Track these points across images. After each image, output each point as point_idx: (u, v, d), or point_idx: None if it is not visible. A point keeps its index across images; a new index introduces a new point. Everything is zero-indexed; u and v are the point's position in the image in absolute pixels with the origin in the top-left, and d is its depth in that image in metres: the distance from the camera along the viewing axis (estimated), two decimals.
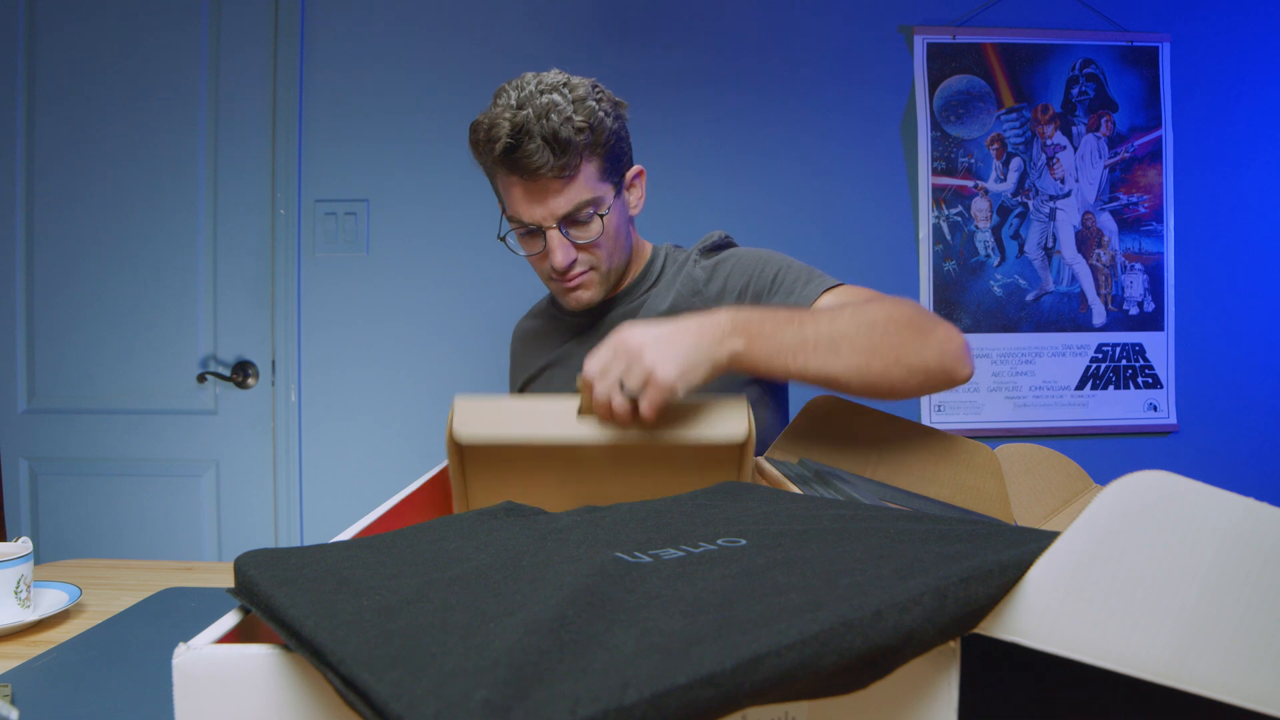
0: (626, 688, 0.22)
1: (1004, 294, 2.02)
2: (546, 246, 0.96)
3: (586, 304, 1.03)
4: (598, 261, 0.99)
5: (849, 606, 0.27)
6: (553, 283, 1.01)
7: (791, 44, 1.99)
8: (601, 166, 0.96)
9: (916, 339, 0.76)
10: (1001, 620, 0.30)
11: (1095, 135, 2.03)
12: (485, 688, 0.22)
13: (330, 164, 1.96)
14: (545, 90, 0.91)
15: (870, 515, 0.43)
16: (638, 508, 0.48)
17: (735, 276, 1.01)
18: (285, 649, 0.32)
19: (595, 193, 0.95)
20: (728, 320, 0.71)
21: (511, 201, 0.95)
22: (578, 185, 0.93)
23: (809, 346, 0.72)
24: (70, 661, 0.75)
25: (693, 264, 1.05)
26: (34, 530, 1.98)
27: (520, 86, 0.93)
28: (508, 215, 0.98)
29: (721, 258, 1.04)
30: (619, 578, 0.32)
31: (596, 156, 0.94)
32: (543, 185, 0.92)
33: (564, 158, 0.90)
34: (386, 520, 0.60)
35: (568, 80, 0.94)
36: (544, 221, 0.94)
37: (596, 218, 0.96)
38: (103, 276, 1.96)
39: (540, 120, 0.89)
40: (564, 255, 0.95)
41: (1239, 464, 2.07)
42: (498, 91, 0.95)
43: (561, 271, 0.97)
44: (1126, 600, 0.29)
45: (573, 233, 0.96)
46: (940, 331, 0.78)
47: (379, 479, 1.94)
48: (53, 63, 1.95)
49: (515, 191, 0.94)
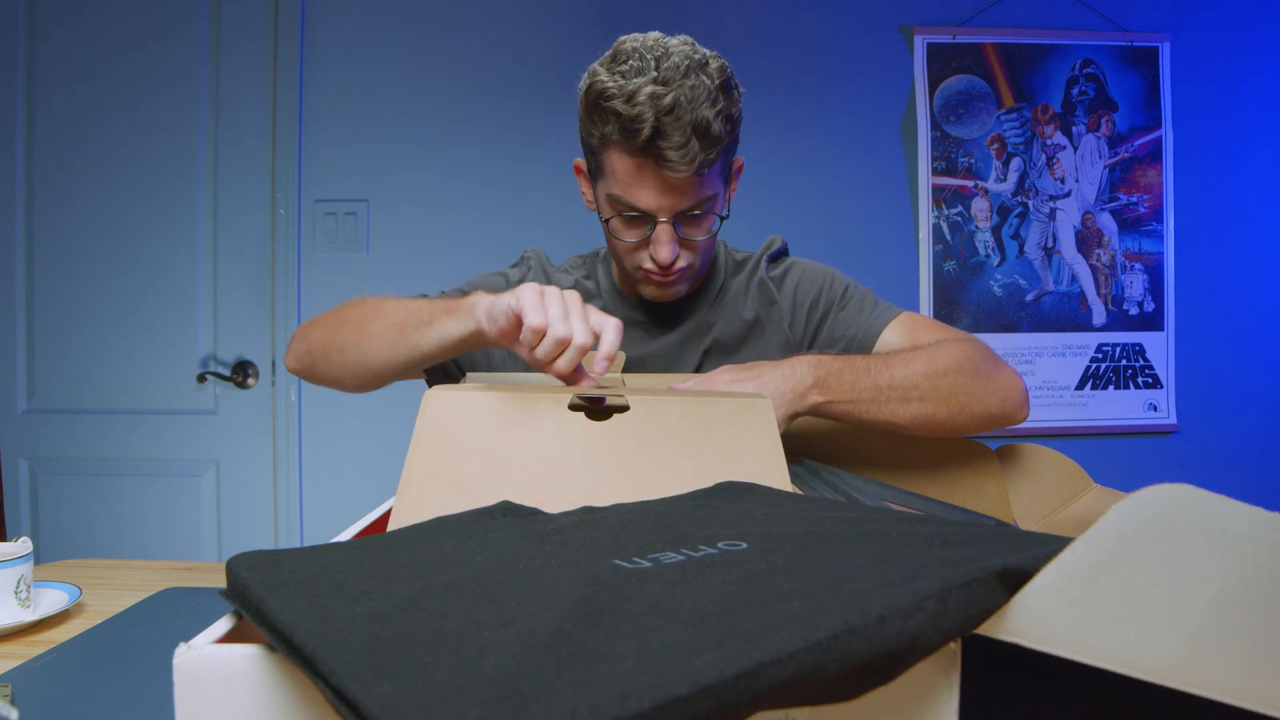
0: (626, 699, 0.22)
1: (1004, 294, 2.02)
2: (651, 237, 0.88)
3: (674, 298, 0.95)
4: (695, 260, 0.92)
5: (852, 612, 0.27)
6: (640, 272, 0.92)
7: (791, 44, 1.99)
8: (725, 161, 0.88)
9: (982, 386, 0.80)
10: (1007, 622, 0.30)
11: (1095, 135, 2.03)
12: (480, 705, 0.22)
13: (330, 164, 1.96)
14: (690, 69, 0.81)
15: (872, 518, 0.43)
16: (636, 508, 0.48)
17: (805, 288, 0.99)
18: None
19: (714, 189, 0.88)
20: (809, 373, 0.76)
21: (627, 183, 0.85)
22: (704, 181, 0.85)
23: (882, 397, 0.77)
24: (70, 661, 0.75)
25: (764, 271, 1.01)
26: (34, 530, 1.98)
27: (657, 53, 0.82)
28: (612, 193, 0.88)
29: (786, 266, 1.02)
30: (617, 586, 0.32)
31: (726, 151, 0.87)
32: (673, 177, 0.83)
33: (705, 154, 0.82)
34: (386, 520, 0.60)
35: (705, 58, 0.84)
36: (660, 213, 0.86)
37: (711, 216, 0.89)
38: (103, 276, 1.96)
39: (691, 109, 0.80)
40: (671, 251, 0.87)
41: (1239, 464, 2.07)
42: (622, 52, 0.84)
43: (664, 267, 0.89)
44: (1139, 606, 0.29)
45: (685, 229, 0.88)
46: (1004, 378, 0.82)
47: (379, 479, 1.94)
48: (53, 63, 1.95)
49: (638, 175, 0.84)
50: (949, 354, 0.81)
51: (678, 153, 0.80)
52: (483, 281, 1.01)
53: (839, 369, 0.77)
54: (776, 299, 0.99)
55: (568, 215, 1.93)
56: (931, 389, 0.78)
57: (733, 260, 1.04)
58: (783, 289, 1.00)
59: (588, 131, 0.89)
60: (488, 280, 1.02)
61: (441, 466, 0.56)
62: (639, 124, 0.80)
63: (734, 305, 0.99)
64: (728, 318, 0.98)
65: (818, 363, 0.77)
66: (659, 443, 0.59)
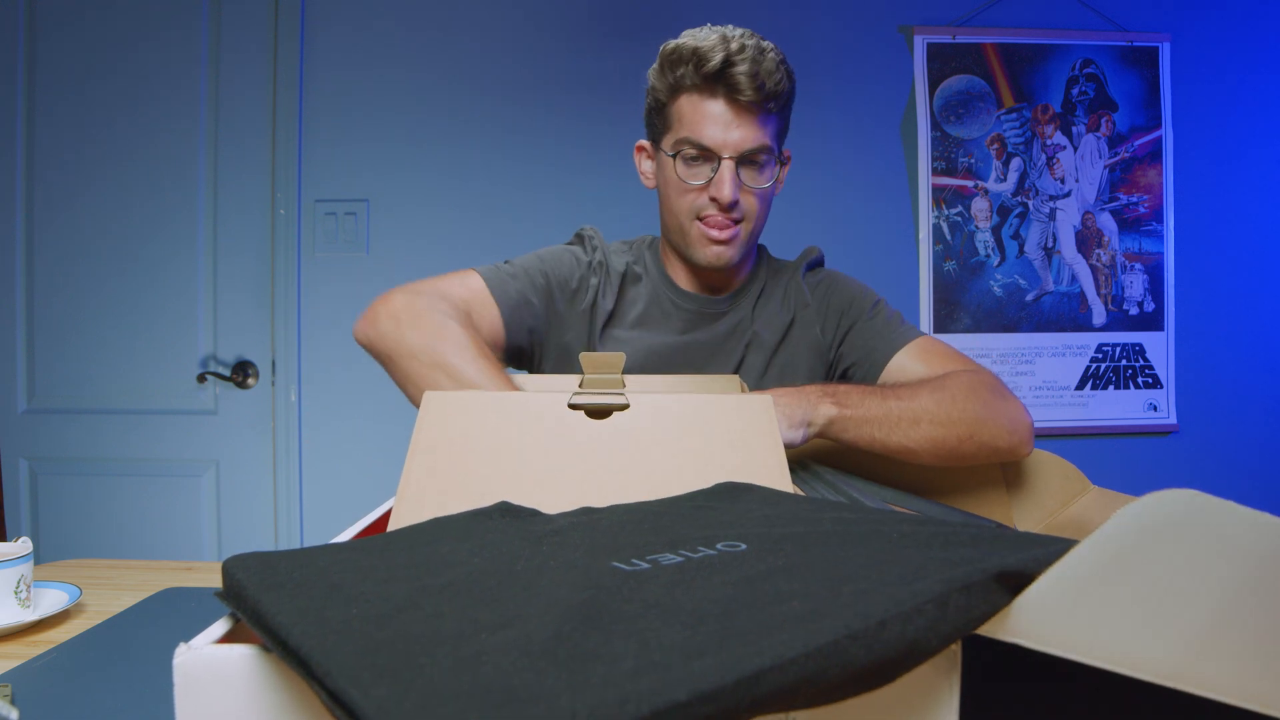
0: (625, 703, 0.22)
1: (1004, 294, 2.02)
2: (715, 177, 0.94)
3: (725, 262, 0.98)
4: (750, 216, 0.97)
5: (853, 616, 0.27)
6: (698, 224, 0.97)
7: (791, 44, 1.98)
8: (780, 129, 0.97)
9: (990, 417, 0.82)
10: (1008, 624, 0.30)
11: (1095, 135, 2.03)
12: (478, 709, 0.22)
13: (330, 164, 1.96)
14: (753, 37, 0.93)
15: (872, 518, 0.43)
16: (635, 509, 0.48)
17: (838, 297, 1.04)
18: None
19: (773, 144, 0.96)
20: (821, 391, 0.79)
21: (697, 122, 0.93)
22: (766, 129, 0.94)
23: (893, 418, 0.80)
24: (70, 661, 0.75)
25: (800, 279, 1.06)
26: (34, 530, 1.98)
27: (721, 28, 0.94)
28: (681, 135, 0.95)
29: (821, 277, 1.07)
30: (615, 588, 0.32)
31: (782, 118, 0.97)
32: (740, 112, 0.92)
33: (769, 91, 0.91)
34: (386, 521, 0.60)
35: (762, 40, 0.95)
36: (724, 150, 0.92)
37: (772, 165, 0.97)
38: (103, 276, 1.96)
39: (757, 51, 0.91)
40: (733, 189, 0.93)
41: (1239, 464, 2.07)
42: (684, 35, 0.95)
43: (726, 206, 0.94)
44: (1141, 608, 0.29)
45: (745, 175, 0.95)
46: (1011, 411, 0.84)
47: (379, 479, 1.94)
48: (53, 63, 1.95)
49: (707, 111, 0.92)
50: (957, 383, 0.84)
51: (747, 77, 0.89)
52: (552, 257, 1.02)
53: (848, 390, 0.81)
54: (810, 302, 1.03)
55: (568, 215, 1.93)
56: (941, 415, 0.80)
57: (773, 266, 1.09)
58: (816, 294, 1.05)
59: (659, 88, 0.97)
60: (558, 256, 1.03)
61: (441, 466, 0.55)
62: (712, 54, 0.90)
63: (773, 306, 1.04)
64: (767, 316, 1.03)
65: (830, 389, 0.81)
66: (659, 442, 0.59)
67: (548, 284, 0.99)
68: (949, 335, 2.01)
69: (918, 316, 2.01)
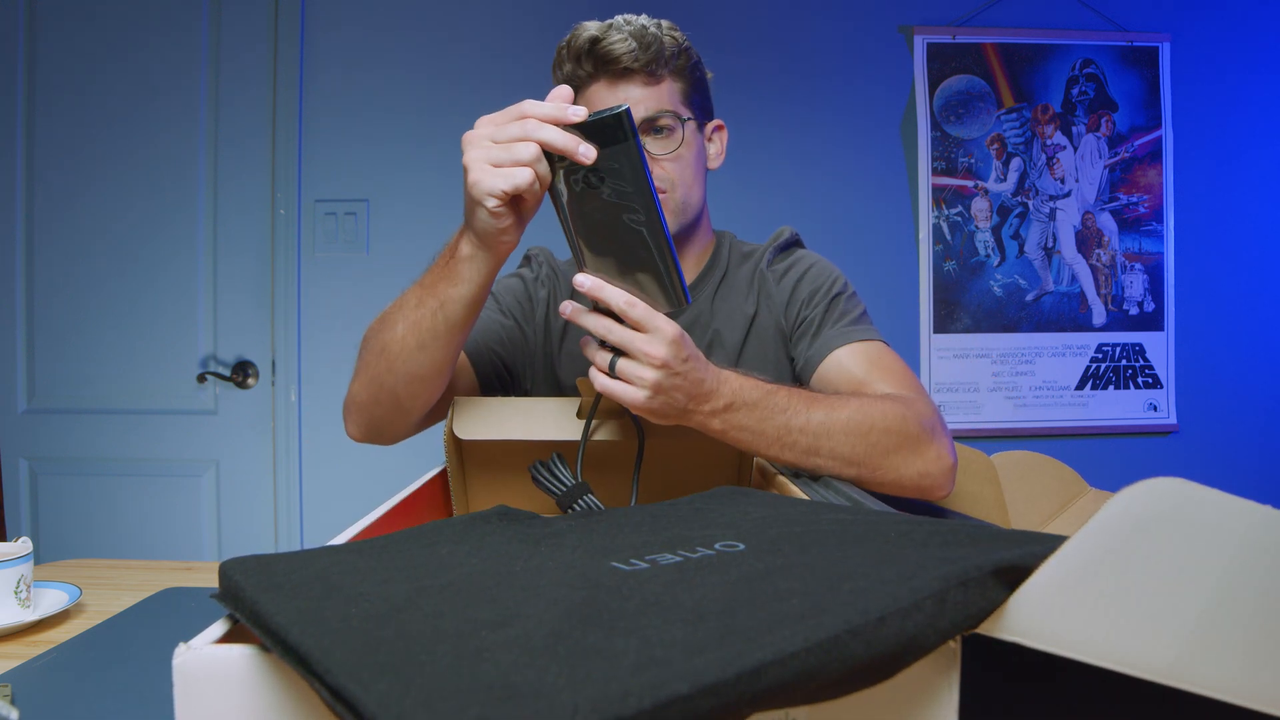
0: (627, 697, 0.22)
1: (1004, 294, 2.02)
2: None
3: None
4: (672, 182, 0.93)
5: (852, 612, 0.27)
6: None
7: (791, 44, 1.99)
8: (686, 92, 0.94)
9: (903, 455, 0.74)
10: (1005, 621, 0.30)
11: (1095, 135, 2.03)
12: (480, 703, 0.22)
13: (330, 164, 1.96)
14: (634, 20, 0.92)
15: (870, 519, 0.43)
16: (633, 512, 0.48)
17: (805, 282, 0.97)
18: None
19: (677, 110, 0.92)
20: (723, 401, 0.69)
21: (592, 105, 0.90)
22: (661, 92, 0.91)
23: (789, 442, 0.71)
24: (70, 661, 0.75)
25: (766, 265, 1.00)
26: (34, 530, 1.98)
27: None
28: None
29: (793, 260, 1.01)
30: (615, 587, 0.32)
31: (681, 80, 0.93)
32: (626, 82, 0.90)
33: (650, 53, 0.89)
34: (385, 522, 0.60)
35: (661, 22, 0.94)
36: None
37: (679, 126, 0.92)
38: (103, 276, 1.96)
39: (628, 24, 0.89)
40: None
41: (1239, 464, 2.07)
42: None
43: None
44: (1134, 603, 0.29)
45: (651, 143, 0.92)
46: (931, 451, 0.76)
47: (379, 479, 1.94)
48: (53, 63, 1.95)
49: (597, 91, 0.91)
50: (882, 410, 0.75)
51: (615, 48, 0.87)
52: (500, 283, 1.02)
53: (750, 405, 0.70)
54: (773, 293, 0.98)
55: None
56: (845, 443, 0.72)
57: (739, 252, 1.04)
58: (782, 281, 0.99)
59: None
60: (505, 282, 1.02)
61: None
62: (581, 32, 0.88)
63: (736, 298, 0.99)
64: (729, 310, 0.98)
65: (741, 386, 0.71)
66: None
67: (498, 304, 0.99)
68: (949, 335, 2.01)
69: (917, 316, 2.01)
